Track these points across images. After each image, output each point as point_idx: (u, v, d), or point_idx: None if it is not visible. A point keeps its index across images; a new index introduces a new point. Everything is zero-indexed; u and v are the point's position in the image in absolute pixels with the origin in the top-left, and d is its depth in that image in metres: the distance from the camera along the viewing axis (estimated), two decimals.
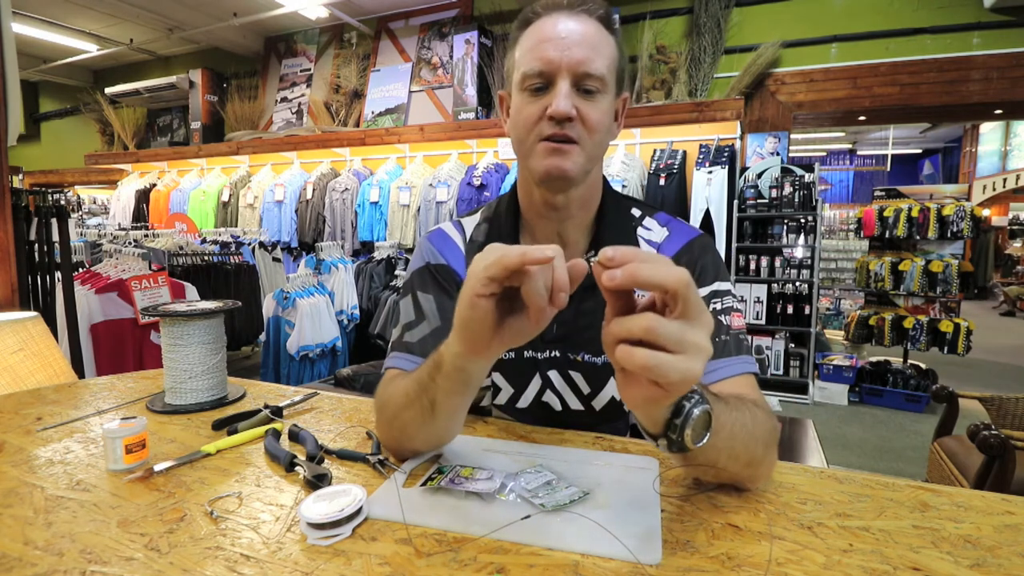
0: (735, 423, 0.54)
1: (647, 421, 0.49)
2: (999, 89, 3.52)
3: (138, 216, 5.37)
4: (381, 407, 0.67)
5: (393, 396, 0.64)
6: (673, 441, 0.48)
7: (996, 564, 0.46)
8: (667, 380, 0.41)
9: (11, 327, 1.23)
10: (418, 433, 0.62)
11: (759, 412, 0.59)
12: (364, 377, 1.95)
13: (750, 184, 3.78)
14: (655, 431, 0.49)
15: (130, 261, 2.57)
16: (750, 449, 0.55)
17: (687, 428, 0.47)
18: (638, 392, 0.44)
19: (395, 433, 0.64)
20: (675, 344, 0.40)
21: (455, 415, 0.61)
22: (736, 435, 0.53)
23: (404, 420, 0.62)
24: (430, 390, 0.58)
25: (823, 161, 11.47)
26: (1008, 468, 1.51)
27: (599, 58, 0.67)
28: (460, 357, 0.53)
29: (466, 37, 4.22)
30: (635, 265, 0.41)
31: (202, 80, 5.48)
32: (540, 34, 0.68)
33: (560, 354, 0.77)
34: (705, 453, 0.51)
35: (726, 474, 0.56)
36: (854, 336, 4.23)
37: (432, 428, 0.61)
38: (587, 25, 0.68)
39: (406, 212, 4.18)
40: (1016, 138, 8.52)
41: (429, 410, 0.59)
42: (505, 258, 0.45)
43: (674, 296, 0.41)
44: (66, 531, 0.50)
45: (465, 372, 0.55)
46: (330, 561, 0.46)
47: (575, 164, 0.68)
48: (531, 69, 0.68)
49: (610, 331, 0.43)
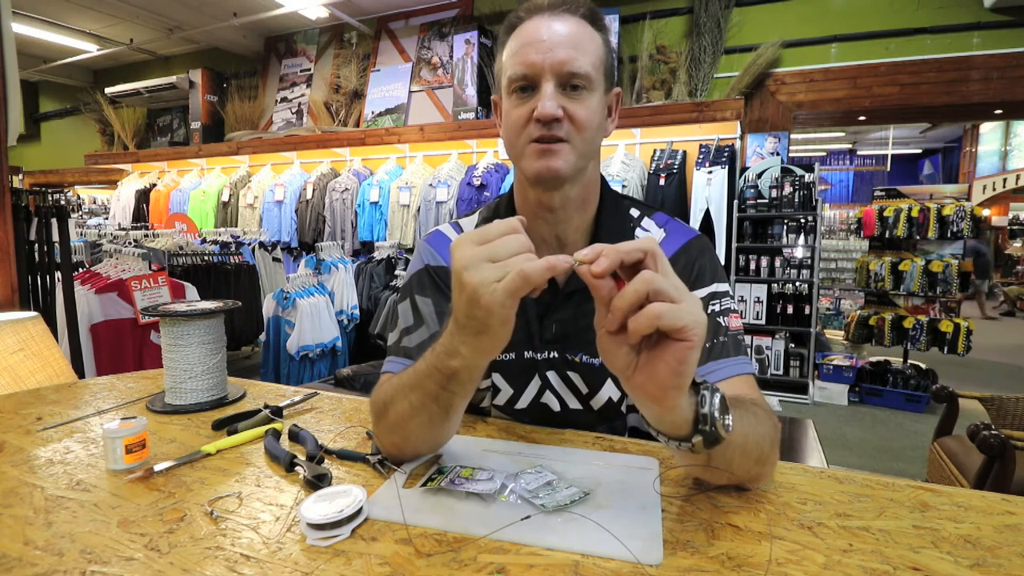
0: (743, 420, 0.54)
1: (674, 416, 0.48)
2: (999, 89, 3.52)
3: (138, 216, 5.37)
4: (380, 412, 0.65)
5: (394, 404, 0.63)
6: (708, 433, 0.48)
7: (996, 564, 0.46)
8: (684, 324, 0.42)
9: (11, 327, 1.24)
10: (424, 439, 0.63)
11: (760, 411, 0.59)
12: (364, 377, 1.95)
13: (750, 184, 3.78)
14: (685, 431, 0.49)
15: (130, 261, 2.57)
16: (760, 446, 0.55)
17: (715, 412, 0.47)
18: (666, 363, 0.44)
19: (396, 440, 0.64)
20: (674, 292, 0.43)
21: (460, 414, 0.63)
22: (747, 432, 0.54)
23: (409, 428, 0.61)
24: (442, 399, 0.57)
25: (823, 161, 11.47)
26: (1008, 468, 1.51)
27: (583, 56, 0.67)
28: (476, 362, 0.54)
29: (466, 37, 4.22)
30: (608, 248, 0.44)
31: (202, 80, 5.48)
32: (523, 37, 0.68)
33: (559, 355, 0.77)
34: (724, 450, 0.51)
35: (738, 473, 0.56)
36: (854, 336, 4.23)
37: (440, 432, 0.63)
38: (570, 25, 0.68)
39: (406, 212, 4.18)
40: (1016, 138, 8.52)
41: (442, 415, 0.59)
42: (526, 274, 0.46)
43: (652, 256, 0.44)
44: (66, 531, 0.50)
45: (478, 370, 0.56)
46: (330, 561, 0.46)
47: (566, 163, 0.68)
48: (516, 73, 0.68)
49: (617, 307, 0.44)
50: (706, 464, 0.53)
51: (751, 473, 0.57)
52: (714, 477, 0.57)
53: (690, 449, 0.49)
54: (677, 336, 0.43)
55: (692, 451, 0.49)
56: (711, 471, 0.55)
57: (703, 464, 0.53)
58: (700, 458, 0.52)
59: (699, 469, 0.57)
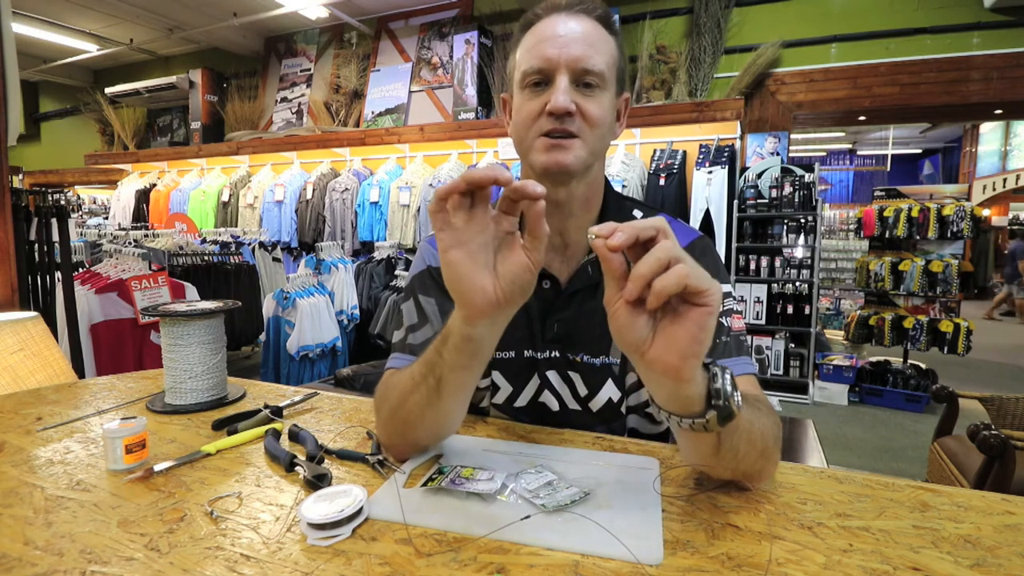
0: (749, 410, 0.54)
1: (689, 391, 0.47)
2: (999, 89, 3.52)
3: (138, 216, 5.37)
4: (382, 402, 0.67)
5: (396, 386, 0.65)
6: (722, 408, 0.47)
7: (996, 564, 0.46)
8: (708, 287, 0.43)
9: (11, 327, 1.24)
10: (422, 419, 0.62)
11: (764, 407, 0.60)
12: (364, 377, 1.95)
13: (750, 184, 3.78)
14: (698, 407, 0.48)
15: (130, 261, 2.57)
16: (764, 438, 0.55)
17: (728, 387, 0.48)
18: (685, 331, 0.44)
19: (397, 425, 0.64)
20: (691, 262, 0.44)
21: (460, 395, 0.61)
22: (753, 420, 0.54)
23: (408, 407, 0.62)
24: (437, 367, 0.58)
25: (823, 161, 11.47)
26: (1008, 468, 1.51)
27: (597, 55, 0.69)
28: (466, 322, 0.54)
29: (466, 37, 4.22)
30: (624, 224, 0.45)
31: (202, 80, 5.48)
32: (540, 34, 0.70)
33: (560, 354, 0.77)
34: (732, 435, 0.51)
35: (742, 466, 0.55)
36: (854, 336, 4.23)
37: (437, 411, 0.61)
38: (585, 25, 0.70)
39: (406, 212, 4.18)
40: (1016, 138, 8.52)
41: (435, 390, 0.59)
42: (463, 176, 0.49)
43: (664, 233, 0.45)
44: (66, 531, 0.50)
45: (473, 341, 0.55)
46: (330, 561, 0.46)
47: (576, 158, 0.69)
48: (531, 67, 0.70)
49: (640, 274, 0.44)
50: (715, 452, 0.52)
51: (755, 467, 0.56)
52: (718, 471, 0.57)
53: (704, 427, 0.49)
54: (699, 300, 0.43)
55: (706, 429, 0.49)
56: (714, 466, 0.55)
57: (711, 453, 0.53)
58: (709, 445, 0.51)
59: (704, 464, 0.56)
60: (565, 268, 0.78)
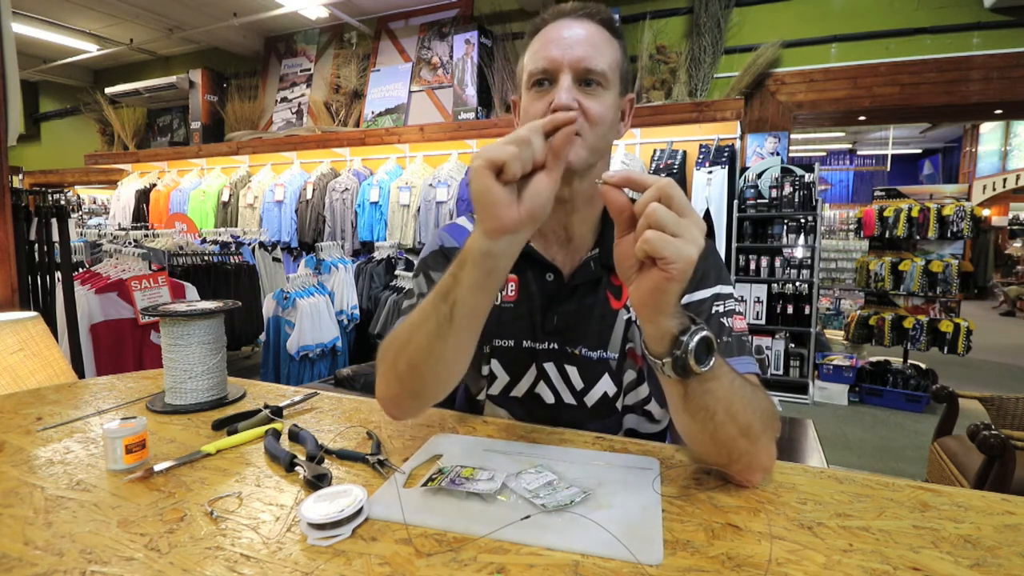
0: (735, 381, 0.56)
1: (656, 332, 0.53)
2: (999, 89, 3.51)
3: (138, 216, 5.36)
4: (386, 350, 0.68)
5: (404, 324, 0.66)
6: (677, 359, 0.52)
7: (996, 564, 0.46)
8: (666, 255, 0.47)
9: (11, 327, 1.23)
10: (430, 356, 0.62)
11: (761, 393, 0.61)
12: (364, 377, 1.95)
13: (750, 184, 3.78)
14: (661, 349, 0.54)
15: (130, 261, 2.56)
16: (748, 415, 0.56)
17: (691, 344, 0.52)
18: (647, 283, 0.51)
19: (401, 368, 0.65)
20: (673, 227, 0.48)
21: (473, 322, 0.62)
22: (736, 393, 0.56)
23: (417, 340, 0.62)
24: (452, 292, 0.59)
25: (823, 161, 11.47)
26: (1008, 468, 1.51)
27: (600, 56, 0.71)
28: (488, 235, 0.55)
29: (466, 37, 4.22)
30: (629, 171, 0.51)
31: (202, 80, 5.47)
32: (545, 38, 0.73)
33: (558, 346, 0.79)
34: (702, 395, 0.54)
35: (721, 436, 0.56)
36: (854, 336, 4.23)
37: (446, 345, 0.61)
38: (589, 28, 0.73)
39: (406, 212, 4.18)
40: (1016, 138, 8.52)
41: (448, 318, 0.59)
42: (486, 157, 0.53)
43: (667, 195, 0.49)
44: (66, 531, 0.50)
45: (492, 257, 0.56)
46: (330, 561, 0.46)
47: (577, 156, 0.71)
48: (536, 68, 0.73)
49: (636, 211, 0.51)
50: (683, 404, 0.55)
51: (738, 447, 0.56)
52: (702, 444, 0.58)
53: (660, 369, 0.54)
54: (661, 265, 0.48)
55: (663, 372, 0.54)
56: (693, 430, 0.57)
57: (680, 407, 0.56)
58: (677, 396, 0.56)
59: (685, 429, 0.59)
60: (569, 262, 0.80)
